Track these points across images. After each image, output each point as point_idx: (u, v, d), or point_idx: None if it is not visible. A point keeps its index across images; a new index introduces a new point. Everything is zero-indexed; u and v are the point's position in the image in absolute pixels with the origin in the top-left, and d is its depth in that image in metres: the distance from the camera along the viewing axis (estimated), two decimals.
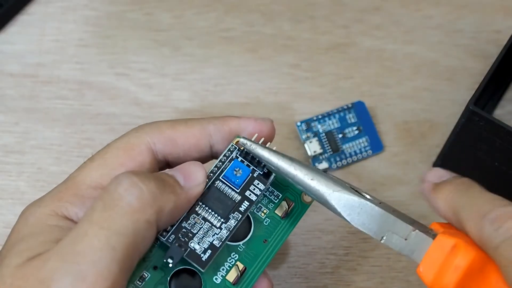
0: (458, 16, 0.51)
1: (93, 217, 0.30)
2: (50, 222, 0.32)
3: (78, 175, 0.34)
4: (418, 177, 0.46)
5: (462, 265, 0.30)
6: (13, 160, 0.46)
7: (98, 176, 0.33)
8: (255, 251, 0.34)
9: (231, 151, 0.34)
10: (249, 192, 0.34)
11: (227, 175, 0.34)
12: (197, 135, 0.35)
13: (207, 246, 0.33)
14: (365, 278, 0.44)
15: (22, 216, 0.33)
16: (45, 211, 0.32)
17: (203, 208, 0.33)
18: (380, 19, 0.51)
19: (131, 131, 0.35)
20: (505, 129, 0.37)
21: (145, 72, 0.49)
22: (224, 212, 0.33)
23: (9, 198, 0.45)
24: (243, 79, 0.49)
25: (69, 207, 0.32)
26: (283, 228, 0.35)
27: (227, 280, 0.34)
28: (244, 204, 0.34)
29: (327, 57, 0.49)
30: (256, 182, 0.34)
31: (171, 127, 0.35)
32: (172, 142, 0.34)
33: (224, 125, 0.35)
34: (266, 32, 0.50)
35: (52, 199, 0.33)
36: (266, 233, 0.35)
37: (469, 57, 0.50)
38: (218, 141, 0.35)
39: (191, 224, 0.33)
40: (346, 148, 0.46)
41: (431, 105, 0.48)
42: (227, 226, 0.33)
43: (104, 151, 0.34)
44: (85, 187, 0.33)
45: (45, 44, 0.49)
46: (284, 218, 0.35)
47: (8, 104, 0.47)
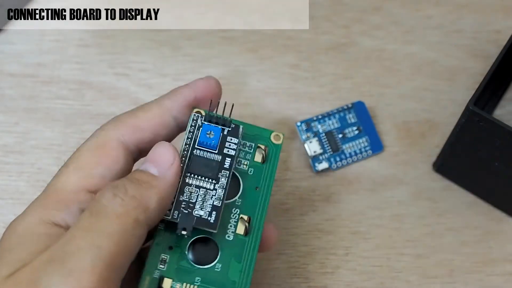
0: (458, 16, 0.51)
1: (80, 224, 0.31)
2: (38, 230, 0.32)
3: (57, 183, 0.34)
4: (418, 177, 0.46)
5: None
6: (13, 160, 0.46)
7: (77, 179, 0.34)
8: (252, 199, 0.36)
9: (195, 120, 0.36)
10: (226, 149, 0.36)
11: (201, 141, 0.36)
12: (157, 113, 0.36)
13: (210, 208, 0.35)
14: (365, 278, 0.44)
15: (9, 228, 0.33)
16: (32, 220, 0.33)
17: (192, 178, 0.35)
18: (380, 19, 0.51)
19: (97, 131, 0.36)
20: (505, 129, 0.37)
21: (145, 72, 0.49)
22: (212, 173, 0.35)
23: (9, 198, 0.45)
24: (243, 79, 0.49)
25: (55, 213, 0.33)
26: (267, 171, 0.37)
27: (239, 234, 0.35)
28: (227, 160, 0.36)
29: (327, 57, 0.49)
30: (229, 138, 0.37)
31: (131, 116, 0.36)
32: (137, 128, 0.36)
33: (178, 95, 0.37)
34: (266, 32, 0.50)
35: (36, 208, 0.33)
36: (255, 181, 0.37)
37: (469, 57, 0.50)
38: (179, 111, 0.37)
39: (187, 195, 0.35)
40: (346, 148, 0.46)
41: (431, 105, 0.48)
42: (220, 185, 0.35)
43: (77, 155, 0.35)
44: (67, 192, 0.34)
45: (45, 44, 0.49)
46: (264, 162, 0.37)
47: (8, 104, 0.47)
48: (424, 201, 0.46)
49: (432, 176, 0.46)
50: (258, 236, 0.36)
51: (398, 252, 0.44)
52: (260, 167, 0.37)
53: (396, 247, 0.44)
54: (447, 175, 0.46)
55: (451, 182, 0.46)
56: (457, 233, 0.45)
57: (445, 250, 0.44)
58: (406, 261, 0.44)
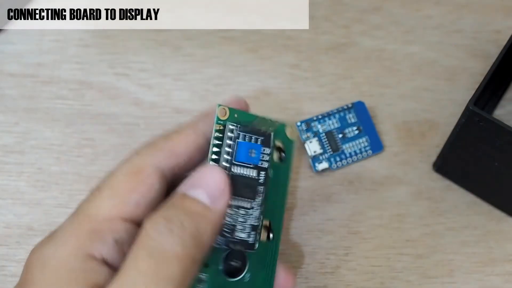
0: (458, 16, 0.51)
1: (138, 266, 0.29)
2: (74, 265, 0.30)
3: (89, 208, 0.32)
4: (418, 177, 0.46)
5: None
6: (13, 160, 0.46)
7: (111, 207, 0.32)
8: (270, 202, 0.35)
9: (231, 132, 0.34)
10: (260, 162, 0.34)
11: (240, 156, 0.34)
12: (193, 138, 0.34)
13: (249, 229, 0.34)
14: (365, 278, 0.44)
15: (38, 259, 0.30)
16: (66, 253, 0.30)
17: (234, 198, 0.33)
18: (380, 19, 0.51)
19: (133, 156, 0.34)
20: (505, 129, 0.37)
21: (145, 72, 0.49)
22: (252, 194, 0.34)
23: (9, 198, 0.45)
24: (243, 79, 0.49)
25: (90, 245, 0.30)
26: (284, 170, 0.36)
27: (262, 241, 0.35)
28: (261, 174, 0.34)
29: (327, 57, 0.49)
30: (262, 149, 0.34)
31: (166, 140, 0.34)
32: (173, 154, 0.34)
33: (211, 117, 0.35)
34: (266, 32, 0.50)
35: (69, 238, 0.31)
36: (274, 183, 0.35)
37: (469, 57, 0.50)
38: (210, 132, 0.35)
39: (229, 217, 0.33)
40: (346, 148, 0.46)
41: (431, 105, 0.48)
42: (256, 203, 0.34)
43: (111, 179, 0.33)
44: (100, 220, 0.31)
45: (45, 44, 0.49)
46: (281, 161, 0.36)
47: (8, 104, 0.47)
48: (424, 201, 0.46)
49: (432, 176, 0.46)
50: (278, 239, 0.35)
51: (398, 252, 0.44)
52: (277, 167, 0.36)
53: (396, 247, 0.44)
54: (447, 175, 0.46)
55: (451, 182, 0.46)
56: (457, 233, 0.45)
57: (445, 250, 0.44)
58: (406, 261, 0.44)
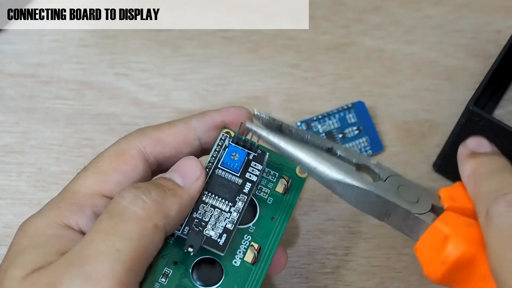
0: (458, 16, 0.51)
1: (99, 226, 0.31)
2: (50, 232, 0.32)
3: (73, 185, 0.34)
4: (418, 177, 0.46)
5: (449, 260, 0.32)
6: (13, 160, 0.46)
7: (94, 183, 0.34)
8: (266, 229, 0.36)
9: (223, 140, 0.36)
10: (248, 174, 0.36)
11: (225, 161, 0.35)
12: (182, 131, 0.36)
13: (221, 230, 0.34)
14: (365, 278, 0.44)
15: (21, 229, 0.33)
16: (44, 221, 0.33)
17: (210, 196, 0.35)
18: (380, 19, 0.51)
19: (120, 139, 0.36)
20: (505, 129, 0.37)
21: (145, 72, 0.49)
22: (230, 196, 0.35)
23: (9, 198, 0.45)
24: (243, 79, 0.49)
25: (69, 215, 0.33)
26: (287, 203, 0.36)
27: (246, 261, 0.35)
28: (247, 185, 0.35)
29: (327, 57, 0.49)
30: (253, 163, 0.36)
31: (156, 129, 0.36)
32: (160, 142, 0.36)
33: (206, 116, 0.37)
34: (266, 32, 0.50)
35: (50, 210, 0.33)
36: (272, 211, 0.36)
37: (469, 57, 0.50)
38: (204, 132, 0.36)
39: (201, 213, 0.34)
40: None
41: (431, 105, 0.48)
42: (236, 209, 0.35)
43: (96, 160, 0.35)
44: (82, 195, 0.34)
45: (45, 44, 0.49)
46: (285, 194, 0.37)
47: (8, 104, 0.47)
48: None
49: (432, 176, 0.46)
50: (265, 267, 0.35)
51: (398, 252, 0.44)
52: (280, 198, 0.36)
53: (396, 247, 0.44)
54: (447, 175, 0.46)
55: (451, 182, 0.46)
56: None
57: None
58: (406, 261, 0.44)
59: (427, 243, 0.33)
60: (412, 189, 0.35)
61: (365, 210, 0.35)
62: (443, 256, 0.32)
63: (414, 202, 0.34)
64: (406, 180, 0.35)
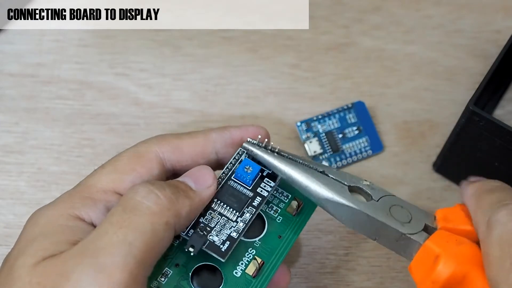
0: (458, 16, 0.51)
1: (112, 219, 0.31)
2: (61, 222, 0.33)
3: (89, 180, 0.35)
4: (418, 177, 0.46)
5: (440, 279, 0.32)
6: (13, 160, 0.46)
7: (110, 180, 0.35)
8: (271, 246, 0.36)
9: (240, 154, 0.37)
10: (260, 189, 0.36)
11: (238, 173, 0.36)
12: (201, 142, 0.37)
13: (225, 237, 0.35)
14: (365, 278, 0.44)
15: (32, 218, 0.34)
16: (56, 212, 0.33)
17: (219, 204, 0.35)
18: (380, 19, 0.51)
19: (140, 142, 0.37)
20: (505, 129, 0.37)
21: (145, 72, 0.49)
22: (239, 206, 0.35)
23: (9, 198, 0.45)
24: (243, 79, 0.49)
25: (81, 208, 0.33)
26: (295, 224, 0.37)
27: (247, 273, 0.35)
28: (257, 199, 0.36)
29: (327, 57, 0.49)
30: (266, 180, 0.36)
31: (176, 137, 0.37)
32: (179, 150, 0.36)
33: (226, 131, 0.38)
34: (266, 32, 0.50)
35: (62, 202, 0.34)
36: (280, 230, 0.37)
37: (469, 57, 0.50)
38: (222, 146, 0.37)
39: (208, 219, 0.35)
40: (346, 148, 0.46)
41: (431, 105, 0.48)
42: (243, 220, 0.35)
43: (115, 159, 0.36)
44: (96, 190, 0.34)
45: (45, 44, 0.49)
46: (295, 215, 0.37)
47: (8, 104, 0.47)
48: (424, 201, 0.46)
49: (432, 176, 0.46)
50: (265, 282, 0.35)
51: None
52: (289, 218, 0.37)
53: None
54: (447, 175, 0.46)
55: (451, 182, 0.46)
56: None
57: None
58: (406, 261, 0.44)
59: (420, 262, 0.33)
60: (405, 209, 0.35)
61: (356, 229, 0.36)
62: (434, 276, 0.32)
63: (406, 222, 0.35)
64: (401, 200, 0.36)
